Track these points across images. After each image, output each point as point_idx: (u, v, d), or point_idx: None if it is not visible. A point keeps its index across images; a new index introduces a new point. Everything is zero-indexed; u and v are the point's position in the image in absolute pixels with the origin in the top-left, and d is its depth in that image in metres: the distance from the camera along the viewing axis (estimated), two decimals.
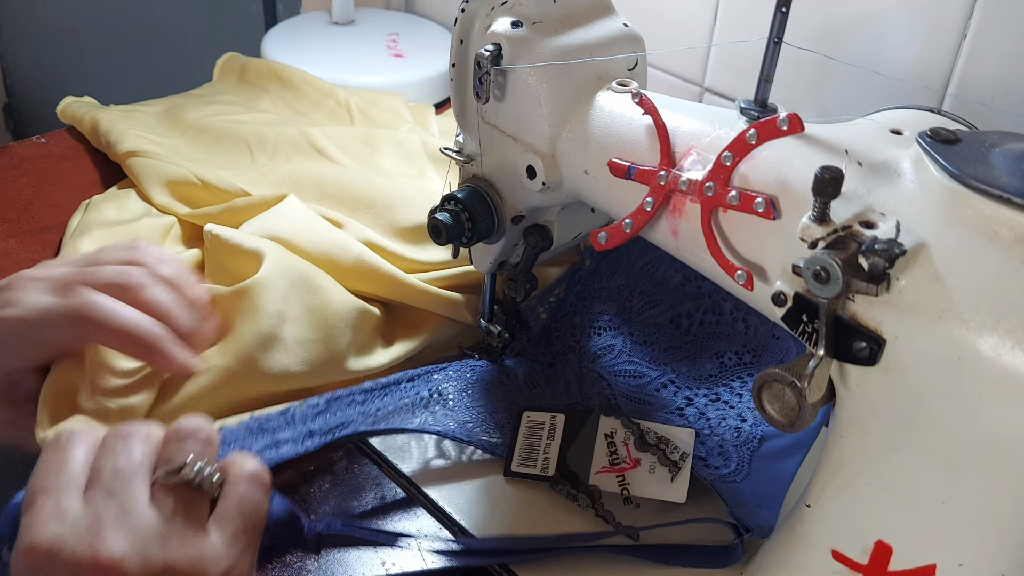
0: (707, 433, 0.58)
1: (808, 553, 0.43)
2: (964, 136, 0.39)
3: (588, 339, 0.65)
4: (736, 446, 0.57)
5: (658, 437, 0.56)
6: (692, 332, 0.66)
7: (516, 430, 0.58)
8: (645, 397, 0.61)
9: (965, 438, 0.36)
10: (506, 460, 0.57)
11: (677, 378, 0.62)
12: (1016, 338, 0.34)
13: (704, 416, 0.59)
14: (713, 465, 0.56)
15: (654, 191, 0.46)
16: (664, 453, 0.55)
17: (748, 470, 0.55)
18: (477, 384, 0.62)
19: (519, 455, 0.57)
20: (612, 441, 0.57)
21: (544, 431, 0.58)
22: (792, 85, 0.74)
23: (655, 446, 0.56)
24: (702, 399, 0.60)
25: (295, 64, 0.94)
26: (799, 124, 0.41)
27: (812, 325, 0.38)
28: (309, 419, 0.55)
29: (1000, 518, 0.37)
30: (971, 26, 0.64)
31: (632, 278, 0.68)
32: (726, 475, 0.55)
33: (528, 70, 0.51)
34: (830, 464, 0.42)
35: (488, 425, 0.59)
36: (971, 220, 0.36)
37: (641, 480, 0.55)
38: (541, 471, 0.56)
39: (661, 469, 0.55)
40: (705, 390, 0.61)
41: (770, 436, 0.57)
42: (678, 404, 0.60)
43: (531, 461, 0.56)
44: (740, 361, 0.64)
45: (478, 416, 0.59)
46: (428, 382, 0.60)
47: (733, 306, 0.66)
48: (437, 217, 0.57)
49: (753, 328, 0.65)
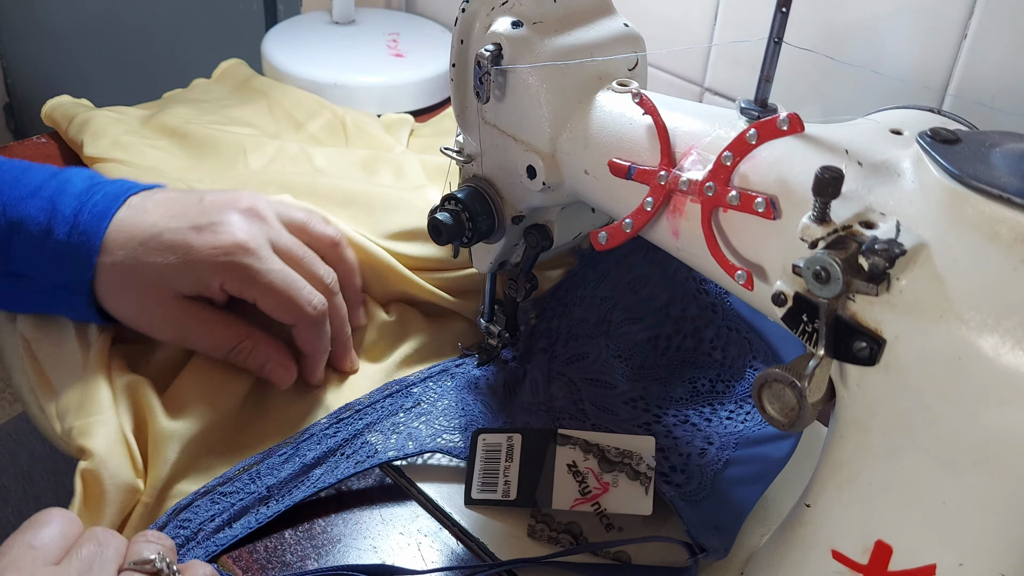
0: (671, 451, 0.56)
1: (808, 553, 0.43)
2: (964, 136, 0.39)
3: (563, 344, 0.64)
4: (700, 466, 0.56)
5: (619, 452, 0.54)
6: (668, 355, 0.65)
7: (472, 454, 0.56)
8: (612, 408, 0.60)
9: (965, 438, 0.36)
10: (466, 487, 0.55)
11: (646, 395, 0.61)
12: (1016, 338, 0.34)
13: (671, 435, 0.58)
14: (675, 482, 0.55)
15: (654, 191, 0.46)
16: (630, 466, 0.54)
17: (709, 490, 0.54)
18: (453, 391, 0.61)
19: (479, 480, 0.55)
20: (577, 471, 0.54)
21: (502, 453, 0.56)
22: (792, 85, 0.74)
23: (619, 462, 0.54)
24: (670, 418, 0.59)
25: (295, 64, 0.94)
26: (799, 124, 0.41)
27: (812, 325, 0.38)
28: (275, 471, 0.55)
29: (1000, 518, 0.37)
30: (971, 26, 0.64)
31: (616, 291, 0.68)
32: (687, 492, 0.54)
33: (528, 70, 0.51)
34: (830, 464, 0.42)
35: (455, 427, 0.59)
36: (971, 220, 0.36)
37: (613, 499, 0.53)
38: (503, 496, 0.54)
39: (630, 483, 0.53)
40: (674, 411, 0.60)
41: (735, 462, 0.56)
42: (645, 420, 0.59)
43: (492, 487, 0.55)
44: (713, 389, 0.62)
45: (443, 426, 0.59)
46: (408, 396, 0.60)
47: (714, 334, 0.65)
48: (437, 217, 0.57)
49: (731, 359, 0.64)
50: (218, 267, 0.56)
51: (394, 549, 0.53)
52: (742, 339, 0.65)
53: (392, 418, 0.59)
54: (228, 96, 0.93)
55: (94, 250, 0.56)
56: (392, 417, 0.59)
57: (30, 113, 1.78)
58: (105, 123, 0.81)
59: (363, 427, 0.58)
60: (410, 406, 0.60)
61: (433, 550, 0.53)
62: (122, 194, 0.58)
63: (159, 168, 0.77)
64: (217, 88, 0.95)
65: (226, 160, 0.79)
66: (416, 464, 0.57)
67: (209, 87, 0.95)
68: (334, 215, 0.69)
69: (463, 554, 0.53)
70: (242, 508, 0.52)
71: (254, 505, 0.53)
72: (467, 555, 0.53)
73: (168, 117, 0.84)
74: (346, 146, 0.86)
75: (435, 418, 0.59)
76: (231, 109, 0.89)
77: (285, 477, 0.54)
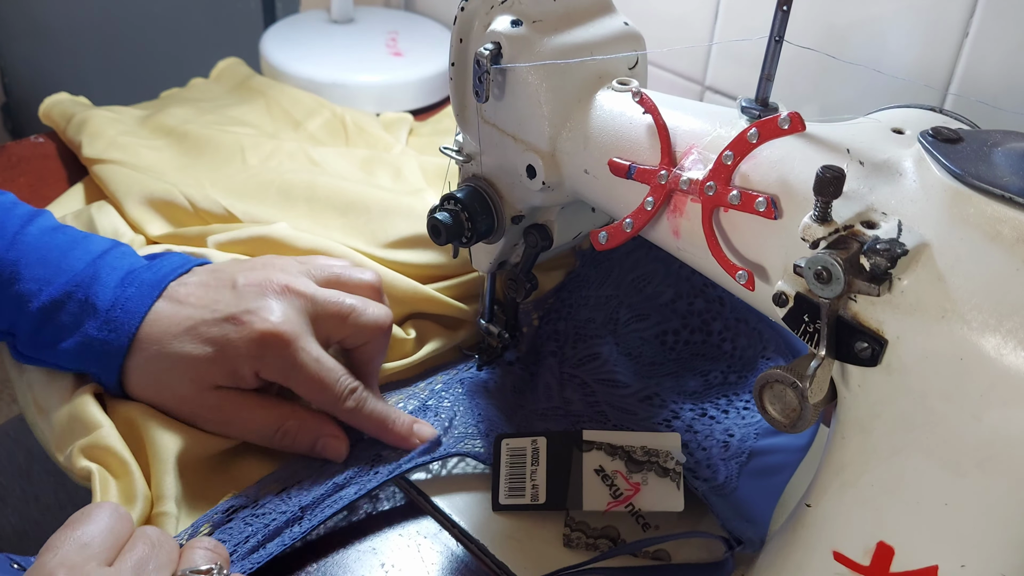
0: (694, 446, 0.56)
1: (809, 554, 0.43)
2: (966, 135, 0.39)
3: (572, 346, 0.64)
4: (724, 459, 0.56)
5: (645, 451, 0.54)
6: (677, 350, 0.65)
7: (497, 460, 0.56)
8: (629, 407, 0.60)
9: (967, 438, 0.35)
10: (493, 493, 0.55)
11: (661, 391, 0.61)
12: (1018, 338, 0.33)
13: (691, 429, 0.58)
14: (702, 476, 0.55)
15: (655, 190, 0.46)
16: (658, 464, 0.54)
17: (736, 483, 0.54)
18: (465, 396, 0.61)
19: (506, 485, 0.55)
20: (605, 474, 0.54)
21: (527, 458, 0.56)
22: (793, 84, 0.74)
23: (647, 461, 0.54)
24: (688, 413, 0.59)
25: (294, 63, 0.94)
26: (800, 123, 0.40)
27: (813, 325, 0.37)
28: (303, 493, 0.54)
29: (1002, 519, 0.37)
30: (973, 25, 0.63)
31: (621, 289, 0.68)
32: (716, 487, 0.54)
33: (528, 69, 0.51)
34: (832, 465, 0.42)
35: (474, 433, 0.58)
36: (973, 220, 0.35)
37: (646, 499, 0.53)
38: (532, 500, 0.54)
39: (660, 481, 0.53)
40: (691, 405, 0.60)
41: (758, 453, 0.56)
42: (664, 416, 0.59)
43: (519, 491, 0.55)
44: (725, 380, 0.62)
45: (462, 432, 0.58)
46: (424, 410, 0.60)
47: (722, 326, 0.65)
48: (437, 217, 0.57)
49: (740, 350, 0.64)
50: (254, 359, 0.54)
51: (394, 551, 0.53)
52: (752, 330, 0.64)
53: None
54: (226, 96, 0.93)
55: (123, 349, 0.55)
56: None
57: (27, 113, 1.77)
58: (102, 123, 0.80)
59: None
60: (429, 418, 0.59)
61: (433, 551, 0.53)
62: (159, 284, 0.57)
63: (157, 168, 0.77)
64: (215, 88, 0.94)
65: (224, 159, 0.79)
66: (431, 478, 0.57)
67: (207, 87, 0.95)
68: (332, 224, 0.69)
69: (463, 555, 0.53)
70: (276, 529, 0.51)
71: (286, 525, 0.52)
72: (466, 556, 0.53)
73: (166, 117, 0.84)
74: (346, 145, 0.86)
75: (453, 426, 0.59)
76: (229, 109, 0.89)
77: (318, 496, 0.53)
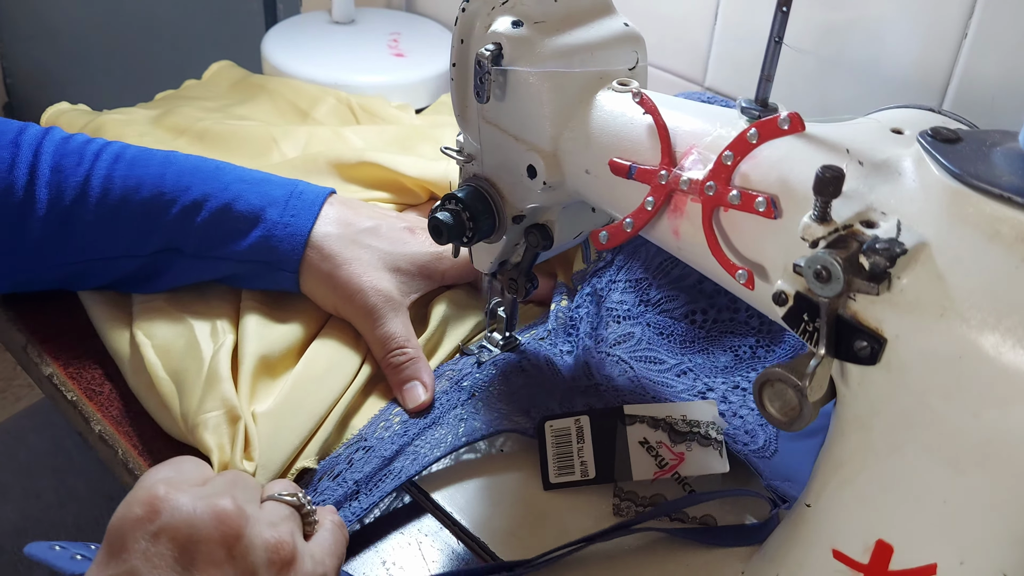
0: (730, 416, 0.58)
1: (809, 552, 0.43)
2: (965, 135, 0.39)
3: (607, 327, 0.66)
4: (762, 425, 0.58)
5: (686, 421, 0.57)
6: (706, 328, 0.67)
7: (542, 442, 0.57)
8: (666, 381, 0.62)
9: (966, 437, 0.36)
10: (542, 473, 0.56)
11: (694, 367, 0.63)
12: (1017, 336, 0.34)
13: (726, 400, 0.60)
14: (742, 442, 0.57)
15: (655, 190, 0.46)
16: (699, 433, 0.56)
17: (776, 446, 0.57)
18: (499, 378, 0.62)
19: (555, 465, 0.56)
20: (650, 446, 0.56)
21: (572, 437, 0.57)
22: (793, 84, 0.74)
23: (689, 432, 0.56)
24: (721, 386, 0.61)
25: (295, 64, 0.94)
26: (800, 123, 0.41)
27: (813, 324, 0.38)
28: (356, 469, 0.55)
29: (1001, 516, 0.37)
30: (972, 25, 0.64)
31: (650, 272, 0.69)
32: (756, 451, 0.56)
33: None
34: (831, 463, 0.42)
35: (513, 411, 0.60)
36: (972, 219, 0.36)
37: (691, 466, 0.55)
38: (582, 476, 0.56)
39: (703, 449, 0.56)
40: (723, 379, 0.62)
41: None
42: (699, 389, 0.61)
43: (568, 469, 0.56)
44: (754, 355, 0.65)
45: (504, 410, 0.60)
46: (460, 390, 0.62)
47: (748, 304, 0.66)
48: (438, 217, 0.57)
49: (767, 324, 0.66)
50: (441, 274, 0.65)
51: (395, 549, 0.53)
52: None
53: (454, 411, 0.60)
54: (227, 94, 0.92)
55: (308, 227, 0.62)
56: (454, 410, 0.60)
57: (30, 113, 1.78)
58: (118, 127, 0.81)
59: (431, 422, 0.59)
60: (466, 399, 0.61)
61: (434, 549, 0.53)
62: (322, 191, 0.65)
63: None
64: (212, 87, 0.94)
65: (259, 151, 0.79)
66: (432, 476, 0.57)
67: (202, 87, 0.94)
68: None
69: (464, 553, 0.53)
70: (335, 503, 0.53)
71: (345, 500, 0.54)
72: (467, 553, 0.53)
73: (177, 116, 0.84)
74: (356, 122, 0.87)
75: (494, 406, 0.60)
76: (233, 107, 0.89)
77: (370, 472, 0.55)
